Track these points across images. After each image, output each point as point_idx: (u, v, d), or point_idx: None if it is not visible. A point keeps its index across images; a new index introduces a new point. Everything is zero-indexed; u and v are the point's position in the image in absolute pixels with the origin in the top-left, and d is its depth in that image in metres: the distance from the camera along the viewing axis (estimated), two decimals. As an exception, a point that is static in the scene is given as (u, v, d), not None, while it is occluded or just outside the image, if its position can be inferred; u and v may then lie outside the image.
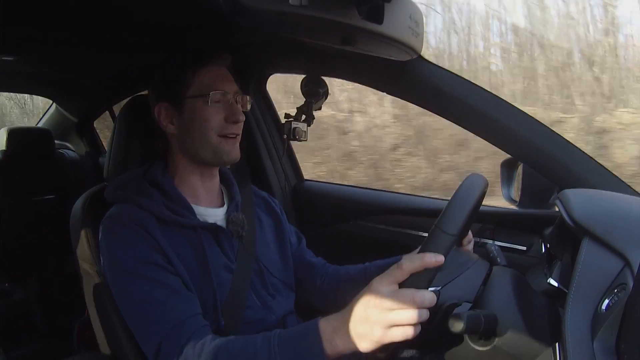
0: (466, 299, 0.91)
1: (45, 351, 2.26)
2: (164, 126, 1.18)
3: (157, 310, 1.01)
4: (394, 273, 0.82)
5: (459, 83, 1.29)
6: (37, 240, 2.52)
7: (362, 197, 1.91)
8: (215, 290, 1.10)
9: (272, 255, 1.28)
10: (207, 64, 1.16)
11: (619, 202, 1.01)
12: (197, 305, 1.05)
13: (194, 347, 0.95)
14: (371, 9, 0.95)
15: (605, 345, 0.69)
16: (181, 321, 0.99)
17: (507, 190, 1.45)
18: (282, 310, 1.21)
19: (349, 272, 1.34)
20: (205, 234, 1.14)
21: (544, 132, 1.23)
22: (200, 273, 1.10)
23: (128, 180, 1.18)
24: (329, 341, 0.85)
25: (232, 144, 1.17)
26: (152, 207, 1.10)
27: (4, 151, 2.50)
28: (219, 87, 1.15)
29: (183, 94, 1.14)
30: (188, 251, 1.11)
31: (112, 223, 1.10)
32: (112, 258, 1.07)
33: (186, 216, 1.13)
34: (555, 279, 0.98)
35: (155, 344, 0.99)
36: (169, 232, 1.10)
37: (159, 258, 1.05)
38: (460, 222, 0.84)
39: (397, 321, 0.79)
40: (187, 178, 1.20)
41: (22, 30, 1.35)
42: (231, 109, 1.15)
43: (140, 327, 1.03)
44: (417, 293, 0.79)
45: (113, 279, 1.08)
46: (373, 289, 0.83)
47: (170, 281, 1.04)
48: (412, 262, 0.81)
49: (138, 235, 1.06)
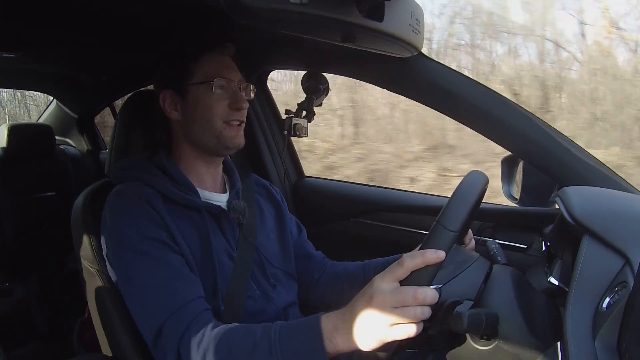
0: (467, 297, 0.91)
1: (45, 351, 2.26)
2: (168, 113, 1.18)
3: (158, 294, 1.00)
4: (395, 270, 0.82)
5: (459, 80, 1.29)
6: (38, 238, 2.52)
7: (362, 194, 1.91)
8: (216, 276, 1.10)
9: (272, 244, 1.27)
10: (212, 51, 1.17)
11: (620, 200, 1.00)
12: (199, 288, 1.04)
13: (194, 334, 0.95)
14: (372, 7, 0.95)
15: (607, 343, 0.69)
16: (182, 305, 0.98)
17: (508, 187, 1.45)
18: (283, 302, 1.21)
19: (347, 269, 1.33)
20: (209, 217, 1.14)
21: (544, 129, 1.23)
22: (202, 255, 1.10)
23: (134, 162, 1.18)
24: (329, 339, 0.85)
25: (237, 130, 1.17)
26: (158, 184, 1.11)
27: (4, 148, 2.50)
28: (223, 75, 1.15)
29: (187, 81, 1.15)
30: (192, 232, 1.11)
31: (118, 199, 1.10)
32: (116, 235, 1.06)
33: (192, 196, 1.14)
34: (556, 278, 0.98)
35: (155, 328, 0.98)
36: (175, 211, 1.10)
37: (164, 235, 1.05)
38: (461, 218, 0.84)
39: (399, 319, 0.79)
40: (192, 163, 1.20)
41: (23, 27, 1.35)
42: (235, 96, 1.15)
43: (141, 311, 1.02)
44: (418, 290, 0.79)
45: (116, 258, 1.07)
46: (374, 286, 0.82)
47: (174, 261, 1.04)
48: (413, 258, 0.81)
49: (144, 210, 1.06)
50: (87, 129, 2.81)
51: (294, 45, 1.46)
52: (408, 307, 0.79)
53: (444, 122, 5.27)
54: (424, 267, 0.80)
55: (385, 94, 5.57)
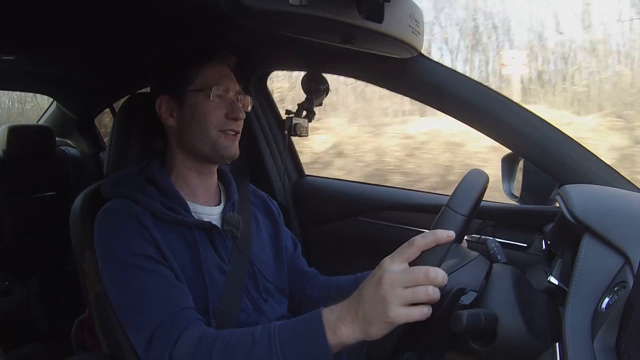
0: (472, 288, 0.91)
1: (45, 351, 2.27)
2: (164, 119, 1.17)
3: (149, 302, 0.99)
4: (406, 250, 0.81)
5: (459, 79, 1.29)
6: (38, 238, 2.52)
7: (363, 193, 1.90)
8: (207, 291, 1.09)
9: (267, 258, 1.26)
10: (212, 60, 1.17)
11: (620, 199, 1.00)
12: (189, 299, 1.03)
13: (189, 338, 0.93)
14: (371, 9, 0.95)
15: (606, 344, 0.69)
16: (174, 313, 0.97)
17: (508, 185, 1.45)
18: (275, 314, 1.20)
19: (340, 282, 1.32)
20: (199, 232, 1.13)
21: (544, 127, 1.23)
22: (193, 272, 1.09)
23: (124, 176, 1.17)
24: (333, 330, 0.82)
25: (232, 140, 1.16)
26: (147, 203, 1.10)
27: (4, 149, 2.50)
28: (222, 83, 1.15)
29: (185, 87, 1.15)
30: (182, 249, 1.10)
31: (107, 215, 1.09)
32: (105, 249, 1.06)
33: (182, 214, 1.13)
34: (556, 277, 0.98)
35: (147, 336, 0.97)
36: (164, 228, 1.10)
37: (153, 251, 1.04)
38: (470, 202, 0.85)
39: (412, 298, 0.77)
40: (184, 175, 1.19)
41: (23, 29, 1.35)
42: (232, 105, 1.15)
43: (132, 318, 1.01)
44: (430, 268, 0.77)
45: (105, 270, 1.06)
46: (384, 267, 0.80)
47: (164, 273, 1.03)
48: (424, 238, 0.80)
49: (133, 227, 1.06)
50: (87, 130, 2.81)
51: (294, 45, 1.46)
52: (420, 287, 0.77)
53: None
54: (435, 247, 0.79)
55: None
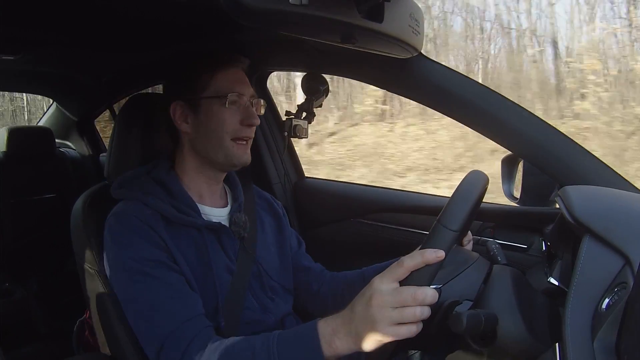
0: (467, 297, 0.91)
1: (45, 351, 2.27)
2: (178, 124, 1.17)
3: (159, 313, 1.01)
4: (395, 270, 0.82)
5: (459, 80, 1.29)
6: (38, 239, 2.52)
7: (363, 195, 1.90)
8: (216, 291, 1.10)
9: (272, 258, 1.27)
10: (225, 65, 1.16)
11: (620, 199, 1.00)
12: (199, 306, 1.04)
13: (196, 352, 0.95)
14: (371, 8, 0.95)
15: (606, 344, 0.68)
16: (183, 323, 0.99)
17: (508, 187, 1.45)
18: (281, 312, 1.22)
19: (347, 277, 1.33)
20: (208, 233, 1.14)
21: (544, 128, 1.23)
22: (202, 273, 1.10)
23: (133, 177, 1.18)
24: (327, 343, 0.85)
25: (244, 148, 1.18)
26: (157, 205, 1.10)
27: (4, 151, 2.50)
28: (236, 90, 1.15)
29: (199, 94, 1.14)
30: (192, 251, 1.11)
31: (117, 220, 1.10)
32: (116, 256, 1.07)
33: (191, 215, 1.13)
34: (556, 278, 0.98)
35: (157, 346, 0.99)
36: (174, 231, 1.10)
37: (164, 256, 1.05)
38: (462, 218, 0.84)
39: (399, 319, 0.79)
40: (194, 178, 1.20)
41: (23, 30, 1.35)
42: (247, 112, 1.16)
43: (142, 328, 1.03)
44: (418, 290, 0.79)
45: (116, 278, 1.07)
46: (374, 287, 0.82)
47: (174, 280, 1.04)
48: (413, 258, 0.81)
49: (143, 232, 1.06)
50: (87, 132, 2.81)
51: (294, 46, 1.46)
52: (408, 308, 0.79)
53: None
54: (424, 267, 0.80)
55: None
